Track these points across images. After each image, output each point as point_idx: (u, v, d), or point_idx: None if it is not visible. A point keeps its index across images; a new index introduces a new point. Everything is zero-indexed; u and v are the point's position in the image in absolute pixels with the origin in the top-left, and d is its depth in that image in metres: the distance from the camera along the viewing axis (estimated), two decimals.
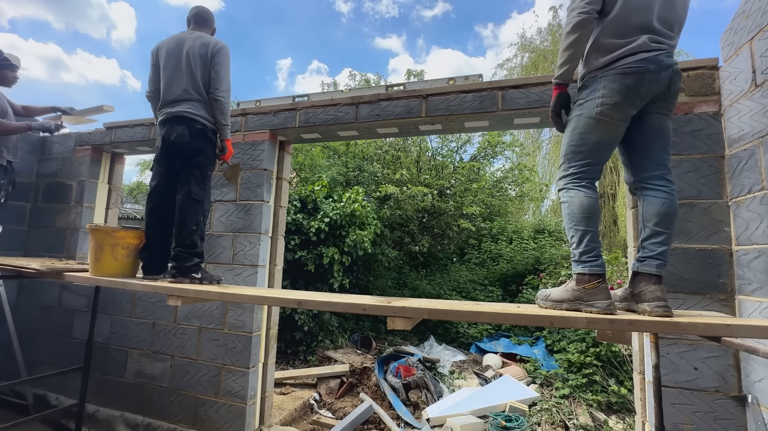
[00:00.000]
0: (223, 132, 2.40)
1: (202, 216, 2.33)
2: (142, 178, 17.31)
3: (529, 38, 12.51)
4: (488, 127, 2.83)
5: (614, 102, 1.49)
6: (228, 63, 2.41)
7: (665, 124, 1.58)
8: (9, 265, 2.46)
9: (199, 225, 2.29)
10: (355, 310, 1.63)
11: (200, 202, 2.30)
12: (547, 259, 8.10)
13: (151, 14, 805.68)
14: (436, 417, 3.80)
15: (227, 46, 2.43)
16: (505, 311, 1.47)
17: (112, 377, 3.22)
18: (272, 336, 3.08)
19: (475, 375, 5.29)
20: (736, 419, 1.86)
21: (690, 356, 1.97)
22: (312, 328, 5.51)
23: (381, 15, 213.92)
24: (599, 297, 1.43)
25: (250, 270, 2.88)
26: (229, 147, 2.46)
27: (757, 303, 1.77)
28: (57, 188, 3.74)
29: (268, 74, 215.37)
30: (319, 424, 3.76)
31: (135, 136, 3.47)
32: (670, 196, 1.52)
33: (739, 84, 1.93)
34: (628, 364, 4.44)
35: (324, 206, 5.74)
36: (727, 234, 1.97)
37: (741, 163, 1.91)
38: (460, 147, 9.22)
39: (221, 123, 2.38)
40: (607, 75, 1.51)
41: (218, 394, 2.86)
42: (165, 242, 2.36)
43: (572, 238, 1.55)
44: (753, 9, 1.88)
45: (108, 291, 3.21)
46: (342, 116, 2.85)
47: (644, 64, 1.46)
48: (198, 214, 2.29)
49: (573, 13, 1.56)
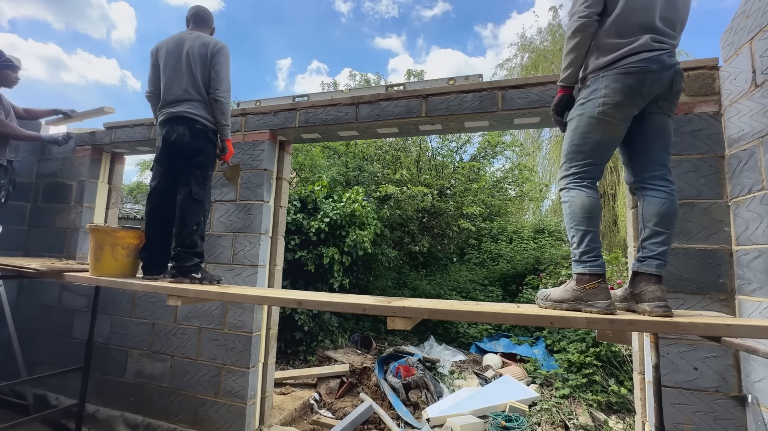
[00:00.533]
0: (223, 132, 2.40)
1: (203, 216, 2.34)
2: (142, 178, 17.31)
3: (529, 38, 12.50)
4: (488, 127, 2.83)
5: (616, 101, 1.49)
6: (228, 63, 2.41)
7: (666, 125, 1.58)
8: (9, 265, 2.46)
9: (199, 225, 2.29)
10: (354, 310, 1.63)
11: (201, 202, 2.30)
12: (547, 259, 8.09)
13: (150, 14, 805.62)
14: (436, 417, 3.80)
15: (227, 46, 2.43)
16: (504, 311, 1.47)
17: (112, 377, 3.22)
18: (272, 336, 3.08)
19: (475, 375, 5.29)
20: (736, 419, 1.86)
21: (690, 356, 1.97)
22: (312, 328, 5.50)
23: (381, 15, 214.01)
24: (599, 298, 1.43)
25: (250, 270, 2.88)
26: (229, 147, 2.47)
27: (757, 303, 1.77)
28: (57, 188, 3.74)
29: (268, 74, 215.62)
30: (319, 424, 3.76)
31: (135, 136, 3.47)
32: (670, 196, 1.52)
33: (739, 84, 1.93)
34: (628, 364, 4.44)
35: (324, 206, 5.74)
36: (727, 234, 1.97)
37: (741, 163, 1.91)
38: (460, 147, 9.22)
39: (221, 123, 2.38)
40: (609, 74, 1.51)
41: (218, 394, 2.86)
42: (165, 242, 2.36)
43: (573, 238, 1.55)
44: (753, 9, 1.88)
45: (108, 291, 3.21)
46: (342, 116, 2.85)
47: (646, 63, 1.46)
48: (198, 214, 2.29)
49: (574, 17, 1.57)
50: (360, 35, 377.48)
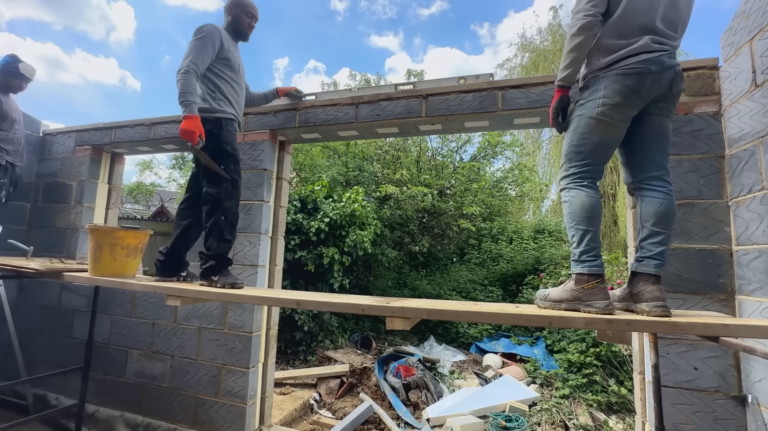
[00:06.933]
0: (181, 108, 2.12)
1: (223, 215, 2.18)
2: (142, 178, 17.33)
3: (529, 38, 12.50)
4: (488, 127, 2.83)
5: (615, 102, 1.49)
6: (196, 40, 2.21)
7: (665, 125, 1.58)
8: (9, 265, 2.46)
9: (216, 225, 2.18)
10: (353, 311, 1.63)
11: (214, 200, 2.19)
12: (547, 259, 8.10)
13: (149, 14, 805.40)
14: (436, 417, 3.80)
15: (206, 25, 2.27)
16: (503, 311, 1.47)
17: (112, 377, 3.22)
18: (272, 336, 3.08)
19: (475, 375, 5.29)
20: (736, 419, 1.86)
21: (690, 356, 1.96)
22: (312, 328, 5.51)
23: (377, 14, 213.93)
24: (598, 298, 1.43)
25: (250, 270, 2.88)
26: (184, 124, 2.07)
27: (757, 303, 1.77)
28: (57, 188, 3.74)
29: (265, 74, 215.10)
30: (319, 424, 3.76)
31: (135, 136, 3.47)
32: (667, 196, 1.52)
33: (739, 84, 1.93)
34: (628, 364, 4.44)
35: (324, 206, 5.74)
36: (727, 234, 1.97)
37: (741, 163, 1.90)
38: (460, 147, 9.23)
39: (179, 99, 2.13)
40: (608, 75, 1.51)
41: (218, 394, 2.86)
42: (181, 245, 2.35)
43: (572, 237, 1.55)
44: (753, 9, 1.87)
45: (108, 291, 3.21)
46: (342, 116, 2.85)
47: (646, 65, 1.46)
48: (212, 214, 2.19)
49: (578, 15, 1.54)
50: (356, 34, 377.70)
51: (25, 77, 3.24)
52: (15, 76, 3.18)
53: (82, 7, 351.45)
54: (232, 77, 2.39)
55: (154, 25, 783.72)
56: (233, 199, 2.26)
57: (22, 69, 3.19)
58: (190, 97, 2.11)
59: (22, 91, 3.31)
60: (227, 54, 2.34)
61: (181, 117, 2.09)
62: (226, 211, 2.21)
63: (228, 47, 2.36)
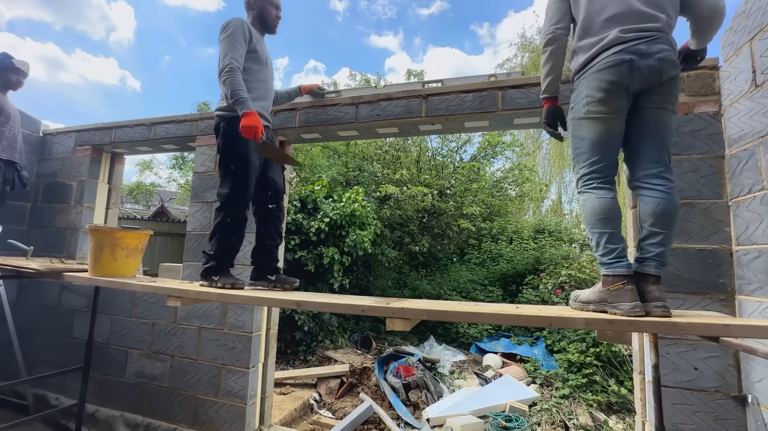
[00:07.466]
0: (236, 108, 2.06)
1: (228, 217, 2.16)
2: (142, 178, 17.33)
3: (529, 38, 12.51)
4: (488, 127, 2.82)
5: (598, 98, 1.50)
6: (227, 37, 2.15)
7: (662, 119, 1.52)
8: (9, 265, 2.46)
9: (221, 225, 2.16)
10: (353, 311, 1.63)
11: (222, 201, 2.16)
12: (547, 259, 8.08)
13: (149, 14, 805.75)
14: (436, 417, 3.80)
15: (232, 19, 2.20)
16: (503, 312, 1.47)
17: (112, 377, 3.22)
18: (272, 336, 3.08)
19: (475, 375, 5.29)
20: (736, 419, 1.86)
21: (690, 356, 1.96)
22: (312, 328, 5.51)
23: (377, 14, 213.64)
24: (624, 299, 1.39)
25: (250, 270, 2.88)
26: (242, 121, 2.00)
27: (757, 303, 1.77)
28: (57, 188, 3.74)
29: None
30: (319, 424, 3.76)
31: (135, 136, 3.47)
32: (667, 195, 1.47)
33: (739, 84, 1.93)
34: (628, 364, 4.44)
35: (324, 206, 5.74)
36: (727, 234, 1.97)
37: (741, 163, 1.90)
38: (460, 147, 9.22)
39: (230, 100, 2.07)
40: (587, 75, 1.55)
41: (218, 394, 2.86)
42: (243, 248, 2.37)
43: (591, 241, 1.56)
44: (753, 9, 1.87)
45: (108, 291, 3.21)
46: (342, 116, 2.85)
47: (619, 56, 1.46)
48: (219, 214, 2.17)
49: (543, 35, 1.72)
50: (356, 34, 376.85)
51: (22, 71, 3.26)
52: (12, 70, 3.22)
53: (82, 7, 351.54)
54: (260, 71, 2.33)
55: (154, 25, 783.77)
56: (236, 201, 2.22)
57: (17, 63, 3.23)
58: (243, 93, 2.06)
59: (21, 86, 3.32)
60: (255, 46, 2.28)
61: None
62: (231, 212, 2.17)
63: (256, 39, 2.30)
